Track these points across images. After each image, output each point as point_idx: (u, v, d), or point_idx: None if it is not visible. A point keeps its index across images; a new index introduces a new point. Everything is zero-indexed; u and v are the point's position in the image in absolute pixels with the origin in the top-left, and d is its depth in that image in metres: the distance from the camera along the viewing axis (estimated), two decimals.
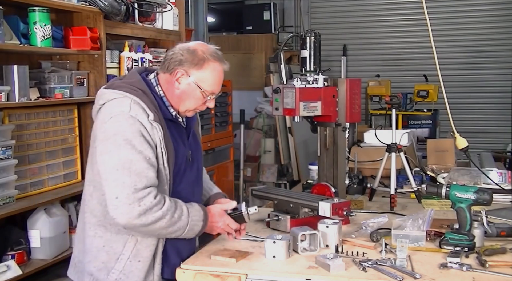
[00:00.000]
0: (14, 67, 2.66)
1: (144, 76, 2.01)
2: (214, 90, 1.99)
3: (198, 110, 2.05)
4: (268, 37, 6.68)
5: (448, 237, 2.03)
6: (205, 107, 2.04)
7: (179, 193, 1.97)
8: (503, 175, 2.96)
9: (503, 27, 6.38)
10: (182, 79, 1.96)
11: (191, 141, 2.10)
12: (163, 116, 1.94)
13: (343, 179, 2.70)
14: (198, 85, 1.96)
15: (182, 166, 2.01)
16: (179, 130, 2.04)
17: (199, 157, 2.16)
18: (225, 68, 2.02)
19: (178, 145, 1.99)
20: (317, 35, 2.65)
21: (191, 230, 1.92)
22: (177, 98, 1.99)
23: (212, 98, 2.01)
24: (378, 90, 5.54)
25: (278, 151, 5.96)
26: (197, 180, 2.13)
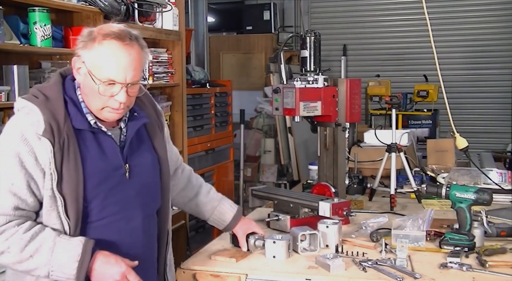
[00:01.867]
0: (14, 67, 2.65)
1: (70, 78, 1.66)
2: (111, 75, 1.55)
3: (112, 108, 1.60)
4: (268, 37, 6.68)
5: (448, 237, 2.04)
6: (117, 103, 1.59)
7: (103, 219, 1.61)
8: (503, 175, 2.96)
9: (503, 27, 6.38)
10: (80, 67, 1.60)
11: (132, 150, 1.69)
12: (77, 126, 1.58)
13: (343, 179, 2.70)
14: (89, 72, 1.56)
15: (104, 186, 1.60)
16: (104, 142, 1.63)
17: (149, 168, 1.73)
18: (134, 50, 1.58)
19: (96, 161, 1.60)
20: (317, 35, 2.65)
21: (59, 271, 1.51)
22: (86, 97, 1.62)
23: (112, 85, 1.57)
24: (378, 90, 5.54)
25: (278, 151, 5.96)
26: (140, 198, 1.69)
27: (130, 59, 1.57)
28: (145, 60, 1.66)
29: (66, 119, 1.57)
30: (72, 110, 1.61)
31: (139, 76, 1.62)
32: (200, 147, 4.40)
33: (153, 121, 1.79)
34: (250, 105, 6.10)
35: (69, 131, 1.56)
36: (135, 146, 1.72)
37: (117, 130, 1.70)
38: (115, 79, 1.56)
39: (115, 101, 1.59)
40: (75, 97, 1.63)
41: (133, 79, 1.59)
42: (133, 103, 1.68)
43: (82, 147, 1.59)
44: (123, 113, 1.65)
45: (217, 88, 4.81)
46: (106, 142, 1.64)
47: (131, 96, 1.62)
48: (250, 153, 6.03)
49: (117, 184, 1.64)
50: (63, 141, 1.54)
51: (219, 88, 4.84)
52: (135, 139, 1.71)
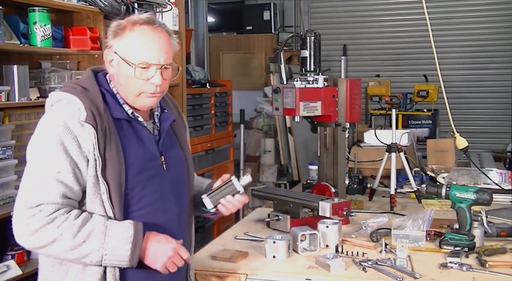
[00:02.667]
0: (14, 67, 2.65)
1: (102, 74, 1.69)
2: (145, 57, 1.59)
3: (147, 93, 1.62)
4: (268, 37, 6.67)
5: (448, 237, 2.04)
6: (153, 87, 1.61)
7: (142, 209, 1.61)
8: (503, 175, 2.96)
9: (503, 27, 6.38)
10: (112, 59, 1.63)
11: (165, 144, 1.72)
12: (116, 115, 1.61)
13: (343, 179, 2.70)
14: (123, 59, 1.59)
15: (143, 175, 1.62)
16: (141, 132, 1.66)
17: (180, 163, 1.77)
18: (163, 34, 1.62)
19: (136, 150, 1.62)
20: (317, 35, 2.66)
21: (113, 255, 1.51)
22: (121, 87, 1.65)
23: (147, 69, 1.60)
24: (378, 90, 5.54)
25: (278, 151, 5.96)
26: (174, 191, 1.70)
27: (161, 41, 1.61)
28: (174, 46, 1.67)
29: (105, 108, 1.60)
30: (110, 100, 1.64)
31: (171, 59, 1.65)
32: (200, 147, 4.40)
33: (177, 119, 1.82)
34: (250, 105, 6.10)
35: (109, 119, 1.59)
36: (167, 141, 1.74)
37: (150, 123, 1.73)
38: (150, 60, 1.60)
39: (151, 85, 1.62)
40: (110, 89, 1.67)
41: (166, 60, 1.62)
42: (167, 88, 1.70)
43: (122, 136, 1.61)
44: (159, 98, 1.68)
45: (217, 88, 4.81)
46: (143, 133, 1.67)
47: (165, 79, 1.64)
48: (250, 153, 6.03)
49: (155, 174, 1.65)
50: (105, 128, 1.56)
51: (219, 88, 4.84)
52: (166, 134, 1.74)
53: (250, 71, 6.65)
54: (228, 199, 1.75)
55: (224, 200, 1.75)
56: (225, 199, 1.75)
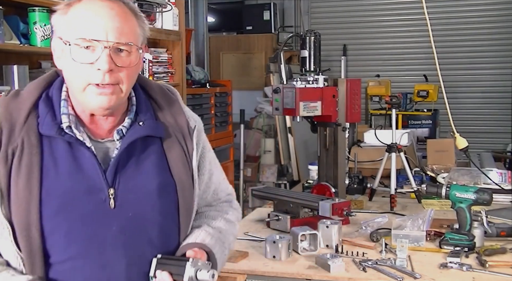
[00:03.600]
0: (14, 67, 2.66)
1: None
2: (85, 32, 1.19)
3: (94, 86, 1.21)
4: (268, 37, 6.67)
5: (448, 237, 2.03)
6: (100, 74, 1.20)
7: (69, 260, 1.22)
8: (503, 175, 2.96)
9: (503, 27, 6.38)
10: (55, 49, 1.27)
11: (121, 171, 1.27)
12: (43, 130, 1.23)
13: (343, 179, 2.70)
14: (60, 39, 1.23)
15: (68, 214, 1.21)
16: (82, 156, 1.25)
17: (147, 197, 1.29)
18: (119, 7, 1.24)
19: (63, 179, 1.22)
20: (317, 35, 2.65)
21: None
22: (68, 85, 1.27)
23: (91, 49, 1.20)
24: (378, 90, 5.54)
25: (278, 151, 5.96)
26: (124, 237, 1.25)
27: (112, 14, 1.21)
28: (138, 24, 1.28)
29: (28, 121, 1.23)
30: (43, 110, 1.25)
31: (130, 38, 1.24)
32: None
33: (171, 133, 1.36)
34: (250, 105, 6.10)
35: (28, 136, 1.21)
36: (133, 165, 1.29)
37: (109, 142, 1.30)
38: (92, 35, 1.19)
39: (97, 72, 1.20)
40: (56, 94, 1.29)
41: (118, 38, 1.21)
42: (131, 82, 1.28)
43: (48, 160, 1.22)
44: (117, 97, 1.24)
45: (217, 88, 4.81)
46: (84, 157, 1.25)
47: (120, 67, 1.22)
48: (250, 153, 6.03)
49: (91, 213, 1.23)
50: (14, 150, 1.20)
51: (219, 88, 4.84)
52: (136, 155, 1.30)
53: (250, 71, 6.65)
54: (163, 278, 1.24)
55: (161, 274, 1.25)
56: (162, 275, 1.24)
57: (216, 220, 1.47)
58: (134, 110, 1.34)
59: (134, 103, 1.35)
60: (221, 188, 1.54)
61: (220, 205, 1.53)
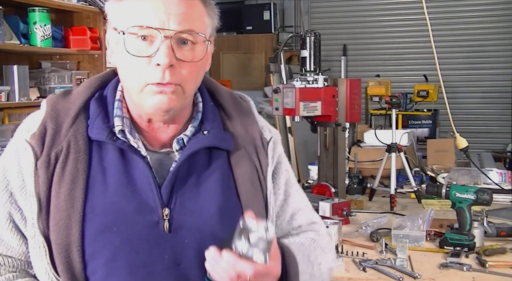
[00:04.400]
0: (14, 67, 2.66)
1: None
2: (140, 18, 1.00)
3: (154, 84, 1.01)
4: (268, 37, 6.67)
5: (448, 237, 2.03)
6: (159, 71, 1.00)
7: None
8: (503, 175, 2.96)
9: (503, 27, 6.38)
10: (109, 41, 1.10)
11: (179, 187, 1.06)
12: (93, 133, 1.06)
13: (343, 179, 2.70)
14: (115, 29, 1.05)
15: (115, 236, 1.01)
16: (136, 167, 1.05)
17: (209, 220, 1.06)
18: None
19: (111, 193, 1.03)
20: (317, 35, 2.65)
21: None
22: (124, 83, 1.09)
23: (148, 40, 1.00)
24: (378, 90, 5.53)
25: None
26: (179, 267, 1.03)
27: (162, 5, 1.00)
28: (206, 12, 1.09)
29: (76, 122, 1.07)
30: (93, 111, 1.09)
31: (196, 27, 1.04)
32: None
33: (241, 145, 1.14)
34: None
35: (76, 139, 1.05)
36: (194, 181, 1.07)
37: (165, 154, 1.10)
38: (150, 22, 0.99)
39: (156, 68, 0.99)
40: (111, 94, 1.12)
41: (181, 25, 1.01)
42: (193, 84, 1.07)
43: (95, 169, 1.05)
44: (178, 98, 1.03)
45: None
46: (137, 168, 1.05)
47: (183, 61, 1.02)
48: None
49: (140, 236, 1.02)
50: (58, 154, 1.03)
51: None
52: (198, 170, 1.08)
53: (250, 71, 6.65)
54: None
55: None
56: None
57: (295, 237, 1.19)
58: (199, 117, 1.13)
59: (200, 109, 1.14)
60: (301, 214, 1.23)
61: (303, 234, 1.21)
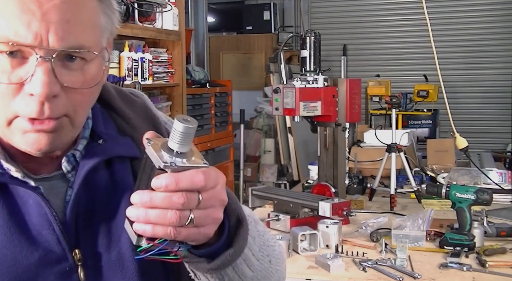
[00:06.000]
0: None
1: None
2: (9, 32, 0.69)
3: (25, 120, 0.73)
4: (268, 37, 6.68)
5: (448, 237, 2.03)
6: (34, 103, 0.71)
7: None
8: (503, 175, 2.96)
9: (503, 27, 6.38)
10: None
11: (84, 224, 0.81)
12: None
13: (343, 179, 2.70)
14: None
15: None
16: (24, 204, 0.78)
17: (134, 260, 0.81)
18: None
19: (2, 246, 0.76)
20: (317, 35, 2.65)
21: None
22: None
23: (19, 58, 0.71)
24: (378, 90, 5.53)
25: (278, 151, 5.96)
26: None
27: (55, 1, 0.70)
28: (101, 9, 0.77)
29: None
30: None
31: (86, 38, 0.74)
32: (200, 147, 4.38)
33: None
34: (250, 105, 6.10)
35: None
36: (101, 207, 0.83)
37: (57, 179, 0.83)
38: (19, 38, 0.69)
39: (31, 100, 0.72)
40: None
41: (66, 41, 0.71)
42: (85, 114, 0.81)
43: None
44: (62, 136, 0.77)
45: (217, 88, 4.81)
46: (26, 206, 0.78)
47: (70, 88, 0.74)
48: (250, 153, 6.03)
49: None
50: None
51: (219, 88, 4.85)
52: (102, 193, 0.84)
53: (250, 71, 6.65)
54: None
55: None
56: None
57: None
58: (89, 125, 0.86)
59: (89, 115, 0.86)
60: None
61: None
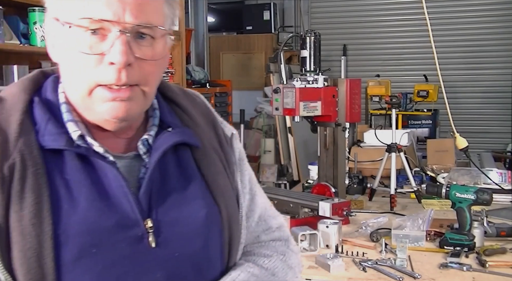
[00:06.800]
0: (14, 67, 2.66)
1: (54, 77, 0.96)
2: (92, 9, 0.82)
3: (106, 86, 0.85)
4: (268, 37, 6.68)
5: (448, 237, 2.03)
6: (114, 71, 0.84)
7: None
8: (503, 175, 2.96)
9: (503, 27, 6.38)
10: (50, 27, 0.89)
11: (157, 198, 0.91)
12: (46, 143, 0.86)
13: (343, 179, 2.70)
14: (57, 19, 0.86)
15: (96, 259, 0.83)
16: (102, 174, 0.88)
17: (195, 231, 0.93)
18: None
19: (84, 210, 0.84)
20: (317, 35, 2.65)
21: None
22: (66, 85, 0.90)
23: (100, 34, 0.83)
24: (378, 90, 5.53)
25: (278, 151, 5.96)
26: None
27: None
28: (167, 4, 0.90)
29: (24, 131, 0.85)
30: (40, 116, 0.89)
31: (155, 19, 0.87)
32: None
33: (207, 146, 1.01)
34: (250, 105, 6.10)
35: (27, 151, 0.84)
36: (171, 186, 0.94)
37: (131, 159, 0.94)
38: (102, 13, 0.82)
39: (109, 67, 0.83)
40: (51, 96, 0.92)
41: (139, 18, 0.84)
42: (154, 85, 0.92)
43: (57, 184, 0.85)
44: (136, 105, 0.89)
45: (217, 88, 4.82)
46: (106, 177, 0.88)
47: (142, 60, 0.86)
48: (250, 153, 6.03)
49: (126, 256, 0.86)
50: (11, 168, 0.82)
51: (219, 88, 4.85)
52: (171, 173, 0.95)
53: (250, 71, 6.65)
54: None
55: None
56: None
57: (269, 259, 1.06)
58: (157, 115, 0.98)
59: (156, 106, 0.99)
60: (268, 214, 1.17)
61: (273, 244, 1.12)
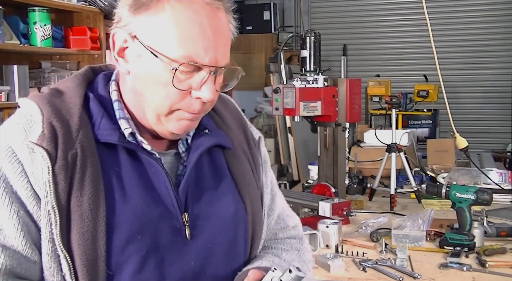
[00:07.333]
0: (14, 67, 2.66)
1: (104, 75, 1.06)
2: (195, 52, 0.92)
3: (185, 114, 0.97)
4: (268, 37, 6.68)
5: (448, 237, 2.03)
6: (198, 104, 0.97)
7: None
8: (503, 175, 2.96)
9: (503, 27, 6.38)
10: (127, 47, 0.96)
11: (194, 191, 1.02)
12: (101, 137, 0.96)
13: (343, 179, 2.70)
14: (154, 51, 0.92)
15: (142, 246, 0.94)
16: (148, 168, 0.98)
17: (225, 225, 1.04)
18: (222, 15, 0.96)
19: (134, 200, 0.95)
20: (317, 35, 2.65)
21: None
22: (135, 96, 0.99)
23: (194, 72, 0.94)
24: (378, 90, 5.53)
25: (278, 151, 5.96)
26: (202, 274, 1.00)
27: (219, 27, 0.94)
28: (233, 33, 1.02)
29: (83, 124, 0.95)
30: (96, 112, 0.98)
31: (229, 56, 1.01)
32: None
33: (237, 147, 1.12)
34: (250, 105, 6.10)
35: (86, 143, 0.93)
36: (204, 183, 1.04)
37: (171, 155, 1.05)
38: (201, 59, 0.92)
39: (196, 101, 0.96)
40: (104, 93, 1.01)
41: (225, 60, 0.98)
42: (213, 104, 1.04)
43: (109, 174, 0.95)
44: (196, 124, 1.03)
45: None
46: (151, 171, 0.98)
47: (218, 91, 1.00)
48: None
49: (167, 245, 0.96)
50: (74, 157, 0.91)
51: None
52: (205, 172, 1.05)
53: (250, 71, 6.64)
54: None
55: None
56: None
57: (286, 252, 1.18)
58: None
59: None
60: (286, 213, 1.26)
61: (288, 241, 1.22)
